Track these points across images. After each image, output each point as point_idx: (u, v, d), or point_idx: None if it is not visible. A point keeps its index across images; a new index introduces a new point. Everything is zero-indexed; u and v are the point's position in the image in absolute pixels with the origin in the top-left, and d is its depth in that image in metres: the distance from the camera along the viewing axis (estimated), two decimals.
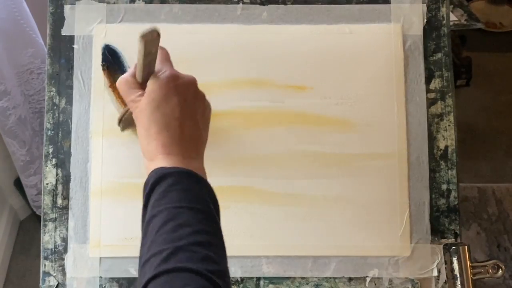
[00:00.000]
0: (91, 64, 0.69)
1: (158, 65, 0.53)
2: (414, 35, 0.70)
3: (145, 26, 0.70)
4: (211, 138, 0.68)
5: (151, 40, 0.50)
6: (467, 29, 1.55)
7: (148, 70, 0.53)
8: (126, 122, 0.61)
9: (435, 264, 0.67)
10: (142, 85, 0.54)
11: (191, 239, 0.44)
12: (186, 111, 0.52)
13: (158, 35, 0.50)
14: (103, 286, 0.67)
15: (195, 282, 0.41)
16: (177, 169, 0.49)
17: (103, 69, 0.68)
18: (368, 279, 0.67)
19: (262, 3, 0.71)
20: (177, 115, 0.51)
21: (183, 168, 0.49)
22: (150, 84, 0.52)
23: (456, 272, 0.66)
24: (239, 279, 0.67)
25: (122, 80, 0.55)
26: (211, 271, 0.42)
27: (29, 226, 1.57)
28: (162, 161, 0.50)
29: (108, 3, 0.70)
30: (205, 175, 0.53)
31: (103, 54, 0.69)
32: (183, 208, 0.46)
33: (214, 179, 0.67)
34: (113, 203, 0.67)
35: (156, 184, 0.48)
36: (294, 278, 0.67)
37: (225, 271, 0.45)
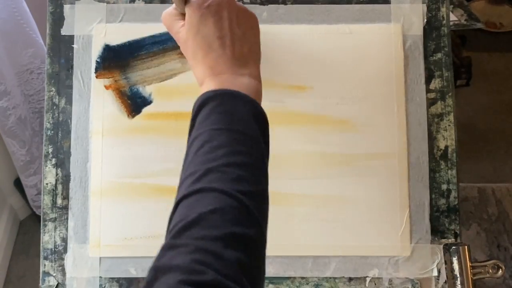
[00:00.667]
0: (91, 64, 0.69)
1: None
2: (414, 35, 0.70)
3: (145, 26, 0.70)
4: None
5: None
6: (467, 29, 1.55)
7: None
8: None
9: (435, 264, 0.67)
10: (184, 16, 0.54)
11: (224, 160, 0.44)
12: (226, 28, 0.51)
13: None
14: (103, 286, 0.67)
15: (221, 201, 0.41)
16: (220, 91, 0.48)
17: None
18: (368, 279, 0.67)
19: (262, 3, 0.71)
20: (218, 34, 0.51)
21: (227, 89, 0.49)
22: (186, 11, 0.52)
23: (456, 272, 0.66)
24: None
25: (165, 14, 0.55)
26: (241, 191, 0.42)
27: (29, 226, 1.57)
28: (210, 83, 0.50)
29: (108, 2, 0.70)
30: (259, 91, 0.52)
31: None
32: (221, 130, 0.46)
33: None
34: (113, 203, 0.67)
35: (200, 108, 0.48)
36: (294, 278, 0.67)
37: (258, 192, 0.44)
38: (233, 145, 0.45)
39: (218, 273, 0.36)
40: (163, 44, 0.69)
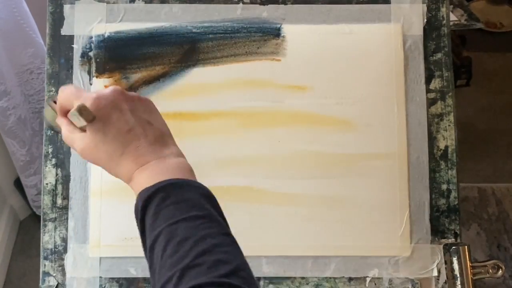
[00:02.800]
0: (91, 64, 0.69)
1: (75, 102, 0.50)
2: (414, 35, 0.70)
3: (145, 26, 0.70)
4: (212, 138, 0.68)
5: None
6: (467, 29, 1.55)
7: None
8: None
9: (435, 264, 0.67)
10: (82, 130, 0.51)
11: (194, 252, 0.42)
12: (130, 120, 0.49)
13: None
14: (103, 286, 0.67)
15: None
16: (158, 185, 0.47)
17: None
18: (368, 279, 0.67)
19: (262, 3, 0.71)
20: (125, 129, 0.49)
21: (164, 181, 0.47)
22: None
23: (456, 272, 0.66)
24: None
25: (65, 132, 0.51)
26: (223, 274, 0.41)
27: (29, 226, 1.57)
28: (140, 178, 0.48)
29: (108, 2, 0.70)
30: (187, 167, 0.50)
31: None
32: (178, 223, 0.44)
33: (214, 179, 0.67)
34: (113, 203, 0.67)
35: (145, 208, 0.46)
36: (294, 278, 0.67)
37: (239, 267, 0.43)
38: (196, 233, 0.44)
39: None
40: (163, 44, 0.69)
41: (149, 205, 0.46)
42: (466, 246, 0.66)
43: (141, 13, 0.70)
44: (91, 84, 0.69)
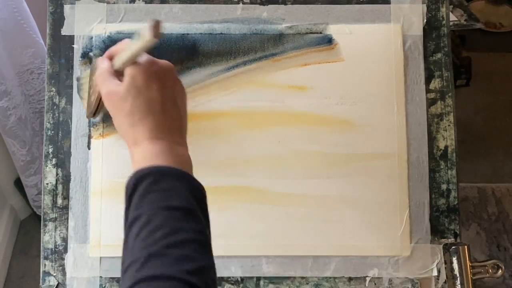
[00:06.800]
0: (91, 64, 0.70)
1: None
2: (414, 35, 0.70)
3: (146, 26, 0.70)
4: (212, 138, 0.68)
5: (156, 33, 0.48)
6: (467, 29, 1.55)
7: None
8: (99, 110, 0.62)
9: (435, 264, 0.68)
10: (118, 74, 0.54)
11: (164, 242, 0.43)
12: (167, 96, 0.52)
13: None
14: (103, 286, 0.67)
15: None
16: (155, 168, 0.48)
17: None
18: (368, 279, 0.67)
19: (262, 3, 0.71)
20: (159, 100, 0.52)
21: (161, 166, 0.49)
22: (130, 70, 0.52)
23: (456, 272, 0.66)
24: (239, 279, 0.67)
25: (103, 70, 0.54)
26: (187, 271, 0.41)
27: (29, 226, 1.57)
28: (148, 146, 0.50)
29: (108, 2, 0.70)
30: (189, 161, 0.52)
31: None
32: (159, 210, 0.45)
33: (214, 179, 0.67)
34: (113, 203, 0.67)
35: (135, 186, 0.47)
36: (294, 278, 0.68)
37: (203, 267, 0.43)
38: (171, 224, 0.44)
39: None
40: (162, 44, 0.69)
41: (139, 185, 0.47)
42: (465, 246, 0.66)
43: (141, 13, 0.70)
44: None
